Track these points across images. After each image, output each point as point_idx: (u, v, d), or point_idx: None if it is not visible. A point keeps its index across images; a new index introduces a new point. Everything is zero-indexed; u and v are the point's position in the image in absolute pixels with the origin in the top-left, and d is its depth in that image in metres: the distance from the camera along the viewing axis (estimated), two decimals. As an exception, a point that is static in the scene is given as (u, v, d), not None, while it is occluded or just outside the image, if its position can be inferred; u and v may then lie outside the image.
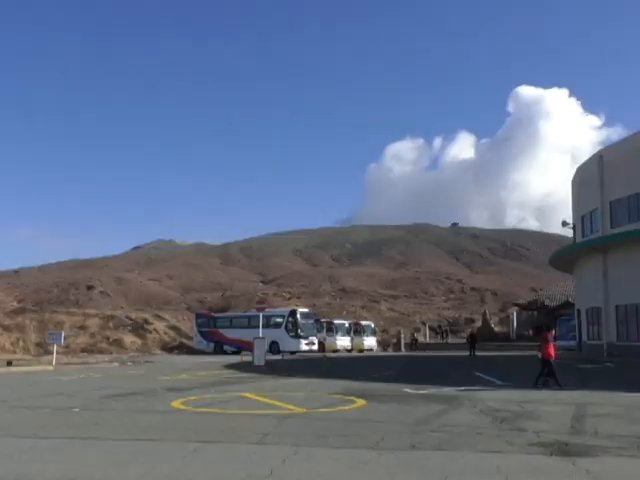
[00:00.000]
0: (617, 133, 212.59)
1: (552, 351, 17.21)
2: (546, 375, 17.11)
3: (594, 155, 39.65)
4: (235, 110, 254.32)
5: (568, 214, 44.25)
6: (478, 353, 39.83)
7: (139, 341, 49.98)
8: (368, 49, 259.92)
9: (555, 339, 50.98)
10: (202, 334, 48.20)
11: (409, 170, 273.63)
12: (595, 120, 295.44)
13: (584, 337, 39.50)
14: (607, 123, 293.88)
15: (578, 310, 41.57)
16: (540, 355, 17.43)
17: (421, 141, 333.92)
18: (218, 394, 15.67)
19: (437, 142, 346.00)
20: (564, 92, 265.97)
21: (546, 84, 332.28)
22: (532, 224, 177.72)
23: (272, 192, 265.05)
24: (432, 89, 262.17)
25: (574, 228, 42.45)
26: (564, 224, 44.36)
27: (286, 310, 46.81)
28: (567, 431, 9.86)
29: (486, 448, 8.41)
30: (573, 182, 43.34)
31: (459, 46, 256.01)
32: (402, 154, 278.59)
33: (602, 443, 8.79)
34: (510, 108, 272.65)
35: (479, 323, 69.91)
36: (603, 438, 9.20)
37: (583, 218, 40.01)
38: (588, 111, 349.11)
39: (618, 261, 34.65)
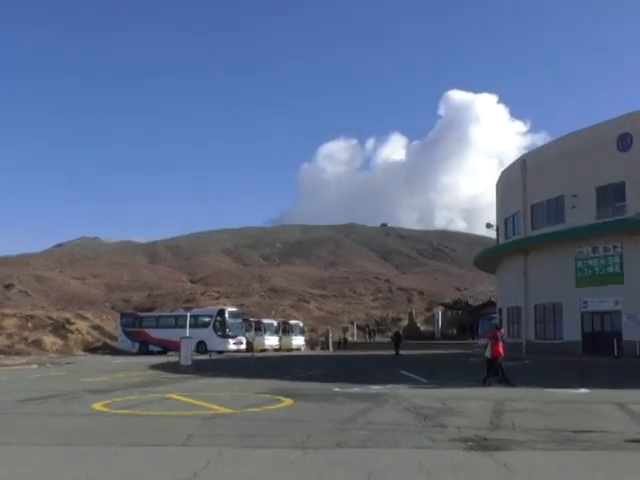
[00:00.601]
0: (542, 139, 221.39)
1: (501, 349, 17.57)
2: (494, 374, 17.50)
3: (517, 160, 41.07)
4: (163, 108, 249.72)
5: (493, 216, 45.68)
6: (404, 352, 40.53)
7: (60, 342, 48.31)
8: (302, 48, 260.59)
9: (481, 337, 52.24)
10: (127, 334, 47.11)
11: (342, 170, 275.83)
12: (521, 126, 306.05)
13: (505, 335, 40.77)
14: (533, 129, 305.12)
15: (500, 309, 42.94)
16: (487, 354, 17.80)
17: (354, 142, 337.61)
18: (142, 395, 15.34)
19: (370, 143, 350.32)
20: (493, 98, 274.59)
21: (477, 89, 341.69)
22: (460, 226, 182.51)
23: (202, 190, 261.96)
24: (366, 90, 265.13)
25: (498, 230, 43.86)
26: (488, 226, 45.77)
27: (214, 309, 46.40)
28: (486, 426, 10.16)
29: (409, 445, 8.58)
30: (498, 186, 44.74)
31: (393, 47, 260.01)
32: (335, 154, 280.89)
33: (518, 437, 9.11)
34: (441, 111, 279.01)
35: (406, 322, 71.20)
36: (520, 432, 9.54)
37: (506, 220, 41.37)
38: (515, 117, 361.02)
39: (538, 262, 36.02)
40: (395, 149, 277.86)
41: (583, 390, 15.91)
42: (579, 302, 32.67)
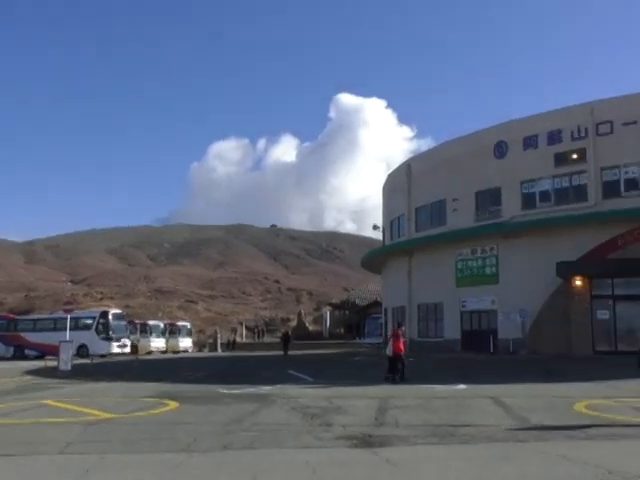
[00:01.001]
0: (427, 144, 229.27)
1: (402, 346, 18.18)
2: (389, 370, 18.07)
3: (403, 164, 42.41)
4: (41, 101, 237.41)
5: (381, 218, 46.87)
6: (293, 352, 40.77)
7: None
8: (192, 44, 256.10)
9: (366, 336, 53.29)
10: (0, 338, 44.36)
11: (232, 170, 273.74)
12: (408, 131, 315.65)
13: (389, 334, 41.95)
14: (419, 135, 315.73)
15: (385, 309, 44.14)
16: (388, 351, 18.34)
17: (246, 141, 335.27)
18: (16, 402, 14.46)
19: (261, 143, 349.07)
20: (382, 103, 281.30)
21: (367, 94, 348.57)
22: (349, 227, 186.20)
23: (85, 188, 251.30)
24: (258, 90, 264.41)
25: (384, 232, 45.08)
26: (375, 228, 47.00)
27: (97, 311, 44.62)
28: (371, 423, 10.41)
29: (296, 444, 8.63)
30: (384, 188, 45.99)
31: (286, 48, 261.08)
32: (226, 154, 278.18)
33: (402, 433, 9.40)
34: (332, 114, 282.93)
35: (295, 322, 71.64)
36: (403, 428, 9.84)
37: (392, 222, 42.60)
38: (403, 122, 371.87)
39: (421, 263, 37.36)
40: (286, 150, 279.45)
41: (462, 386, 16.64)
42: (459, 302, 34.18)
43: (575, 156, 30.43)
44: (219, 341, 56.40)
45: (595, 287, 28.69)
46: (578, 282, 28.46)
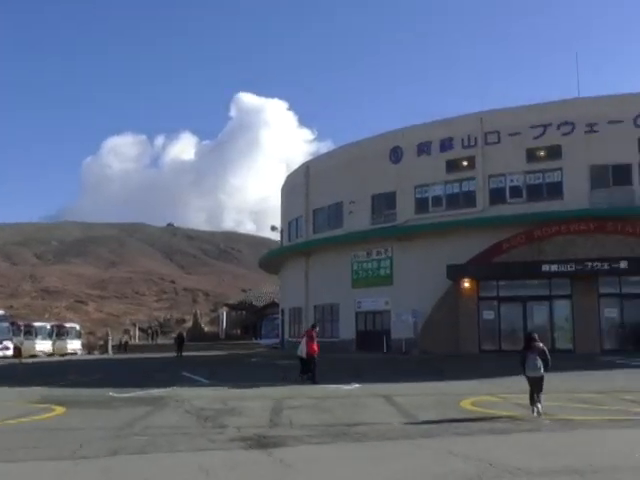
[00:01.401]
0: (327, 147, 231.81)
1: (316, 347, 18.40)
2: (302, 371, 18.25)
3: (302, 166, 42.71)
4: None
5: (279, 219, 46.94)
6: (188, 353, 40.06)
7: None
8: (93, 35, 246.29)
9: (263, 337, 53.09)
10: None
11: (129, 167, 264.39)
12: (309, 134, 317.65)
13: (286, 335, 42.19)
14: (319, 137, 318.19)
15: (282, 310, 44.26)
16: (300, 352, 18.50)
17: (143, 138, 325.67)
18: None
19: (159, 140, 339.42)
20: (283, 104, 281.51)
21: (269, 94, 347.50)
22: (249, 227, 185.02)
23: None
24: (157, 85, 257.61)
25: (282, 233, 45.21)
26: (273, 228, 47.04)
27: (-24, 312, 42.01)
28: (266, 424, 10.42)
29: (189, 447, 8.50)
30: (282, 190, 46.12)
31: (186, 45, 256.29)
32: (122, 150, 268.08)
33: (296, 433, 9.48)
34: (232, 113, 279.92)
35: (190, 323, 70.53)
36: (297, 428, 9.92)
37: (290, 223, 42.80)
38: (303, 125, 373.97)
39: (318, 264, 37.77)
40: (185, 148, 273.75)
41: (356, 385, 16.95)
42: (354, 302, 34.83)
43: (465, 163, 31.81)
44: (110, 343, 54.47)
45: (482, 289, 30.06)
46: (466, 284, 29.72)
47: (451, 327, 29.71)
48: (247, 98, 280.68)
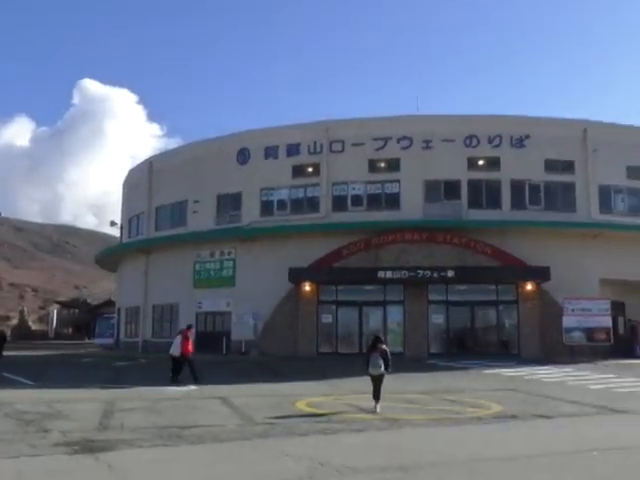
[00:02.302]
0: (176, 144, 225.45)
1: (191, 347, 18.49)
2: (173, 371, 18.13)
3: (145, 161, 41.38)
4: None
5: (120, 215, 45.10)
6: (11, 353, 37.26)
7: None
8: None
9: (97, 337, 50.80)
10: None
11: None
12: (157, 129, 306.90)
13: (122, 335, 40.65)
14: (168, 134, 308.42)
15: (119, 309, 42.60)
16: (173, 351, 18.44)
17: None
18: None
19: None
20: (133, 97, 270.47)
21: (117, 84, 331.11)
22: (90, 222, 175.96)
23: None
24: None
25: (122, 229, 43.50)
26: (112, 224, 45.19)
27: None
28: (95, 428, 9.98)
29: (7, 454, 7.93)
30: (125, 184, 44.41)
31: (30, 20, 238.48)
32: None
33: (127, 436, 9.17)
34: (75, 100, 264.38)
35: (16, 321, 66.01)
36: (128, 432, 9.60)
37: (131, 220, 41.30)
38: (153, 120, 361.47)
39: (159, 263, 36.76)
40: (19, 133, 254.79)
41: (192, 387, 16.73)
42: (195, 303, 34.30)
43: (310, 169, 32.53)
44: None
45: (321, 293, 30.83)
46: (307, 288, 30.36)
47: (291, 329, 30.20)
48: (92, 85, 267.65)
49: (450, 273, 28.57)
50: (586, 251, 29.77)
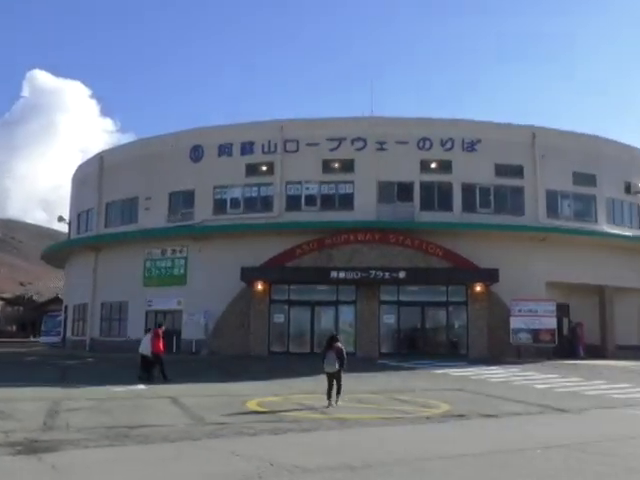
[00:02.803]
0: (129, 139, 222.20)
1: (162, 346, 18.91)
2: (143, 369, 18.39)
3: (95, 156, 40.55)
4: None
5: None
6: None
7: None
8: None
9: (43, 335, 49.70)
10: None
11: None
12: (110, 124, 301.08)
13: (69, 333, 39.78)
14: (122, 129, 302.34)
15: (66, 306, 41.67)
16: (143, 350, 18.83)
17: None
18: None
19: None
20: (86, 91, 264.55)
21: (70, 76, 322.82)
22: (39, 217, 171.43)
23: None
24: None
25: (70, 224, 42.56)
26: (60, 219, 44.06)
27: None
28: (39, 428, 9.73)
29: (-55, 456, 7.67)
30: (74, 179, 43.46)
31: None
32: None
33: (72, 436, 8.97)
34: (25, 92, 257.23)
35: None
36: (74, 432, 9.40)
37: (79, 215, 40.42)
38: (106, 115, 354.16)
39: (108, 260, 36.07)
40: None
41: (141, 386, 16.49)
42: (145, 301, 33.78)
43: (264, 168, 32.40)
44: None
45: (274, 292, 30.72)
46: (259, 287, 30.21)
47: (243, 329, 30.05)
48: (43, 77, 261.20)
49: (402, 274, 28.84)
50: (533, 254, 30.50)
